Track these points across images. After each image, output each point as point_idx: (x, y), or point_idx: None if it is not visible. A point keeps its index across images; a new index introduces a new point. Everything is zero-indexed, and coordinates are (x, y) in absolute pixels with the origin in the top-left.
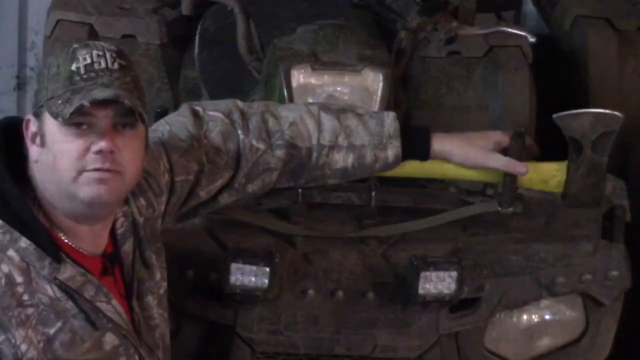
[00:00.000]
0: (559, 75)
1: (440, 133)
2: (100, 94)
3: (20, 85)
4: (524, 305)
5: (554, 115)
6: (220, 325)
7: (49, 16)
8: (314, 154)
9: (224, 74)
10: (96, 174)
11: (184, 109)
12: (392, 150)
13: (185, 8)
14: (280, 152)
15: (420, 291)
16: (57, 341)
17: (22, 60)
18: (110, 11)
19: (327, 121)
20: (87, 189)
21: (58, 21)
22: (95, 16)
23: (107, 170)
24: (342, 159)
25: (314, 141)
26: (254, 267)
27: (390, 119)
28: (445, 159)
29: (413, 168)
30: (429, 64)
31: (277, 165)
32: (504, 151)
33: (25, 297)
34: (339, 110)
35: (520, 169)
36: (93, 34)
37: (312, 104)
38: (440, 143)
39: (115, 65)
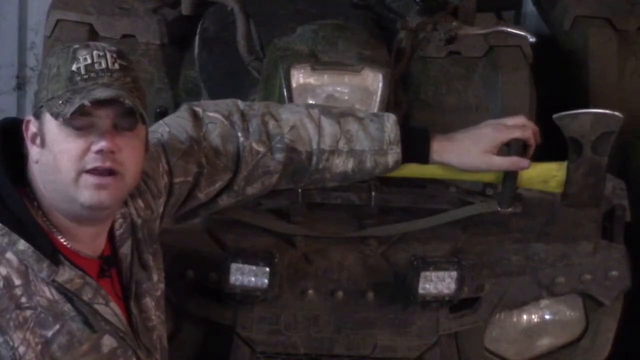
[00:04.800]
0: (559, 75)
1: (440, 136)
2: (101, 93)
3: (20, 85)
4: (524, 305)
5: (554, 115)
6: (220, 325)
7: (49, 16)
8: (314, 159)
9: (224, 74)
10: (96, 179)
11: (184, 109)
12: (393, 156)
13: (185, 8)
14: (280, 156)
15: (420, 291)
16: (55, 344)
17: (22, 60)
18: (110, 11)
19: (328, 125)
20: (87, 194)
21: (58, 21)
22: (95, 16)
23: (108, 171)
24: (342, 164)
25: (314, 145)
26: (254, 267)
27: (390, 123)
28: (444, 164)
29: (413, 169)
30: (429, 64)
31: (277, 169)
32: (507, 152)
33: (24, 299)
34: (340, 114)
35: (522, 164)
36: (93, 34)
37: (312, 106)
38: (439, 151)
39: (116, 66)
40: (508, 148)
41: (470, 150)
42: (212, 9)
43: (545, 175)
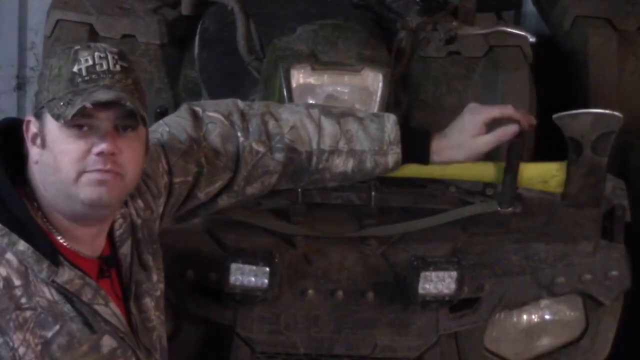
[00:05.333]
0: (559, 75)
1: (438, 135)
2: (103, 95)
3: (20, 85)
4: (524, 305)
5: (554, 115)
6: (220, 325)
7: (49, 16)
8: (314, 159)
9: (224, 74)
10: (97, 175)
11: (184, 109)
12: (393, 156)
13: (185, 8)
14: (279, 156)
15: (420, 291)
16: (54, 344)
17: (22, 60)
18: (110, 11)
19: (328, 125)
20: (88, 190)
21: (58, 21)
22: (95, 16)
23: (108, 171)
24: (342, 164)
25: (314, 146)
26: (254, 267)
27: (390, 124)
28: (446, 163)
29: (413, 169)
30: (429, 64)
31: (277, 169)
32: (507, 151)
33: (23, 300)
34: (340, 114)
35: (510, 130)
36: (93, 34)
37: (312, 106)
38: (438, 151)
39: (117, 67)
40: (508, 150)
41: (461, 142)
42: (212, 9)
43: (545, 175)
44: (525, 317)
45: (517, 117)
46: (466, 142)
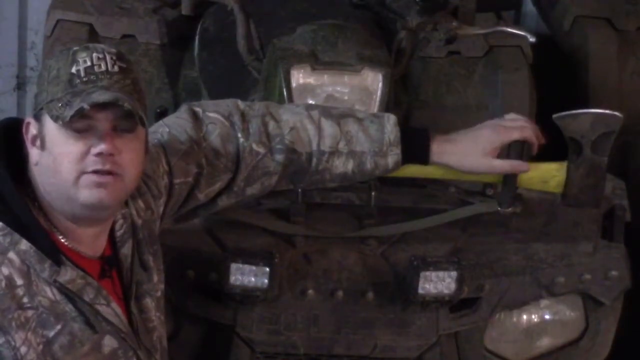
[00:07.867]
0: (559, 75)
1: (440, 137)
2: (100, 97)
3: (20, 85)
4: (524, 305)
5: (554, 116)
6: (220, 325)
7: (49, 16)
8: (314, 160)
9: (224, 74)
10: (96, 178)
11: (184, 110)
12: (392, 157)
13: (185, 8)
14: (279, 157)
15: (420, 291)
16: (56, 344)
17: (22, 60)
18: (110, 11)
19: (328, 127)
20: (87, 193)
21: (58, 21)
22: (95, 16)
23: (108, 173)
24: (342, 165)
25: (314, 147)
26: (254, 267)
27: (390, 124)
28: (444, 165)
29: (412, 170)
30: (429, 64)
31: (277, 170)
32: (507, 149)
33: (25, 299)
34: (340, 115)
35: (522, 167)
36: (93, 34)
37: (312, 107)
38: (439, 153)
39: (115, 68)
40: (508, 148)
41: (469, 153)
42: (212, 9)
43: (545, 176)
44: (525, 317)
45: (538, 140)
46: (475, 156)
